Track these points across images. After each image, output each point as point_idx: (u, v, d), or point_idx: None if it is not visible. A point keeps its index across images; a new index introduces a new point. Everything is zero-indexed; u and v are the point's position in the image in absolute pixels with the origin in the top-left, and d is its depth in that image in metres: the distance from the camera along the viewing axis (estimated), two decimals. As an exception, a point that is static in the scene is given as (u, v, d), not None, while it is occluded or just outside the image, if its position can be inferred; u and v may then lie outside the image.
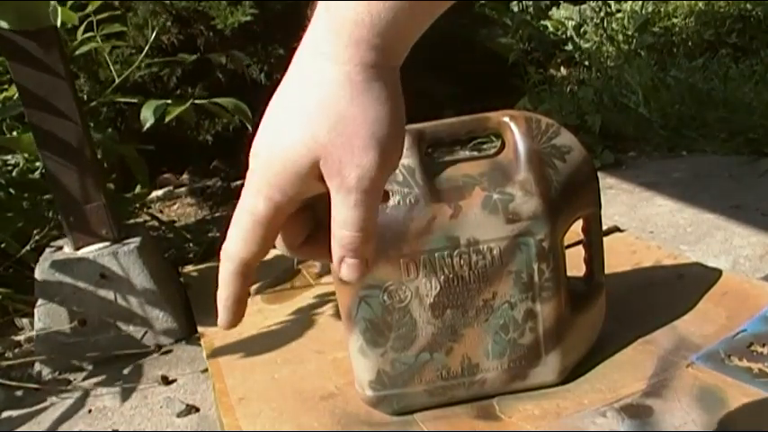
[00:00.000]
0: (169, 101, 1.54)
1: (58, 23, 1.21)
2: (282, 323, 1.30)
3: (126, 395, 1.24)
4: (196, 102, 1.56)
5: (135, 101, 1.69)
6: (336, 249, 0.45)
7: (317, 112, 0.43)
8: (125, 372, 1.31)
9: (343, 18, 0.43)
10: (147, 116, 1.50)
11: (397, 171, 0.90)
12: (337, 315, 0.97)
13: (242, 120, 1.59)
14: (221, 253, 0.46)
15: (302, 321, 1.30)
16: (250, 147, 0.46)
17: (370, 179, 0.43)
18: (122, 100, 1.82)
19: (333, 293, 0.98)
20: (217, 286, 0.47)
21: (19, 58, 1.29)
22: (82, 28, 1.64)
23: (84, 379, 1.31)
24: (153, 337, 1.37)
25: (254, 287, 1.44)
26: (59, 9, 1.28)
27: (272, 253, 0.48)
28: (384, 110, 0.43)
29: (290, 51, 0.46)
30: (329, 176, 0.43)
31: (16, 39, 1.26)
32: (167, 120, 1.51)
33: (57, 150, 1.33)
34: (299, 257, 0.50)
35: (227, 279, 0.46)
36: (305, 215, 0.47)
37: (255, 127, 0.46)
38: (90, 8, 1.61)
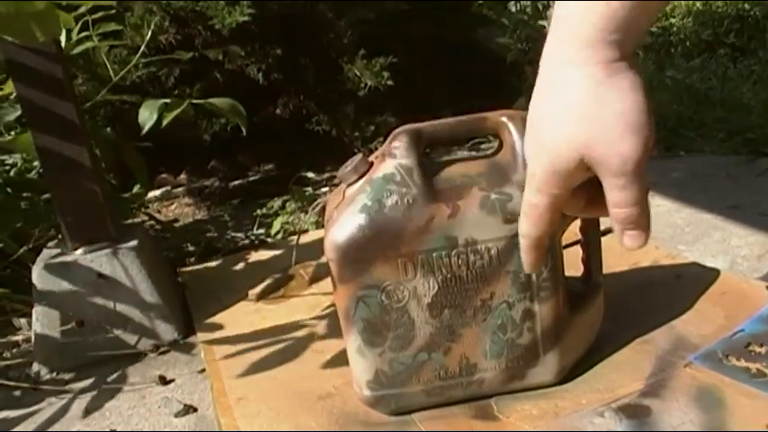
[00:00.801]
0: (167, 99, 1.53)
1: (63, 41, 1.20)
2: (280, 323, 1.30)
3: (124, 395, 1.24)
4: (194, 102, 1.55)
5: (133, 100, 1.69)
6: (616, 225, 0.52)
7: (570, 115, 0.48)
8: (123, 372, 1.31)
9: (577, 22, 0.47)
10: (146, 118, 1.49)
11: (395, 171, 0.90)
12: (335, 315, 0.97)
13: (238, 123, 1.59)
14: (519, 229, 0.58)
15: (300, 322, 1.30)
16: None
17: (633, 163, 0.48)
18: (120, 99, 1.81)
19: (330, 294, 0.98)
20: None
21: (18, 62, 1.29)
22: (77, 27, 1.64)
23: (81, 379, 1.31)
24: (151, 337, 1.37)
25: (252, 290, 1.44)
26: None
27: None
28: (629, 99, 0.48)
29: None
30: (596, 167, 0.49)
31: (18, 52, 1.26)
32: (164, 123, 1.50)
33: (55, 151, 1.33)
34: (585, 216, 0.64)
35: (528, 250, 0.59)
36: (583, 185, 0.53)
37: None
38: (84, 8, 1.61)
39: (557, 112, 0.49)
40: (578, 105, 0.48)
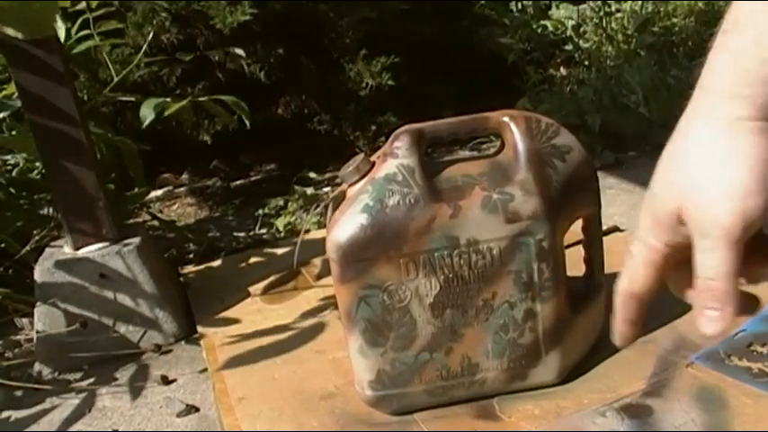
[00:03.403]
0: (168, 99, 1.53)
1: (62, 35, 1.21)
2: (282, 323, 1.30)
3: (126, 395, 1.24)
4: (196, 100, 1.55)
5: (133, 99, 1.69)
6: (696, 301, 0.47)
7: (679, 160, 0.46)
8: (125, 372, 1.31)
9: (711, 72, 0.45)
10: (147, 113, 1.49)
11: (397, 171, 0.90)
12: (337, 315, 0.97)
13: (241, 117, 1.59)
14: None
15: (302, 321, 1.30)
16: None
17: (723, 227, 0.43)
18: (122, 99, 1.81)
19: (333, 293, 0.98)
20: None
21: (18, 58, 1.29)
22: (77, 25, 1.63)
23: (83, 379, 1.31)
24: (153, 337, 1.37)
25: (254, 288, 1.45)
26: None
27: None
28: (745, 164, 0.43)
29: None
30: (689, 221, 0.45)
31: (16, 41, 1.26)
32: (166, 114, 1.50)
33: (56, 150, 1.33)
34: (686, 301, 0.53)
35: (618, 306, 0.52)
36: (690, 269, 0.47)
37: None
38: (85, 4, 1.61)
39: (670, 156, 0.48)
40: (688, 153, 0.46)
